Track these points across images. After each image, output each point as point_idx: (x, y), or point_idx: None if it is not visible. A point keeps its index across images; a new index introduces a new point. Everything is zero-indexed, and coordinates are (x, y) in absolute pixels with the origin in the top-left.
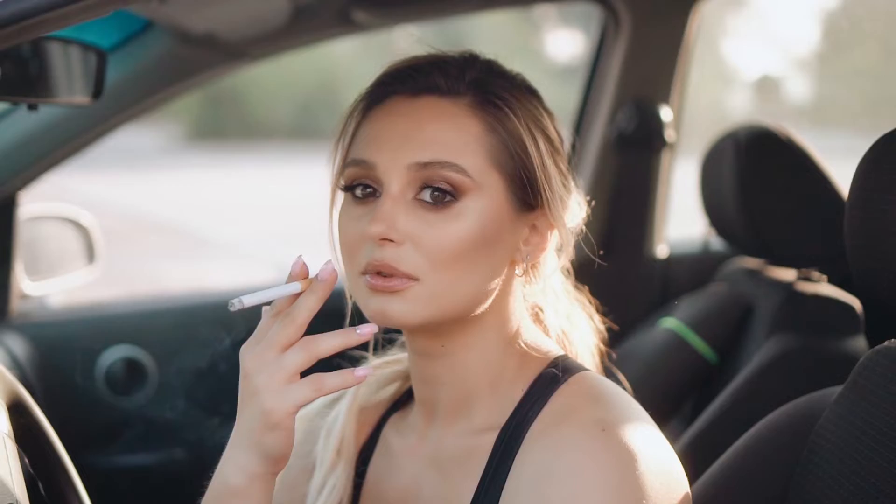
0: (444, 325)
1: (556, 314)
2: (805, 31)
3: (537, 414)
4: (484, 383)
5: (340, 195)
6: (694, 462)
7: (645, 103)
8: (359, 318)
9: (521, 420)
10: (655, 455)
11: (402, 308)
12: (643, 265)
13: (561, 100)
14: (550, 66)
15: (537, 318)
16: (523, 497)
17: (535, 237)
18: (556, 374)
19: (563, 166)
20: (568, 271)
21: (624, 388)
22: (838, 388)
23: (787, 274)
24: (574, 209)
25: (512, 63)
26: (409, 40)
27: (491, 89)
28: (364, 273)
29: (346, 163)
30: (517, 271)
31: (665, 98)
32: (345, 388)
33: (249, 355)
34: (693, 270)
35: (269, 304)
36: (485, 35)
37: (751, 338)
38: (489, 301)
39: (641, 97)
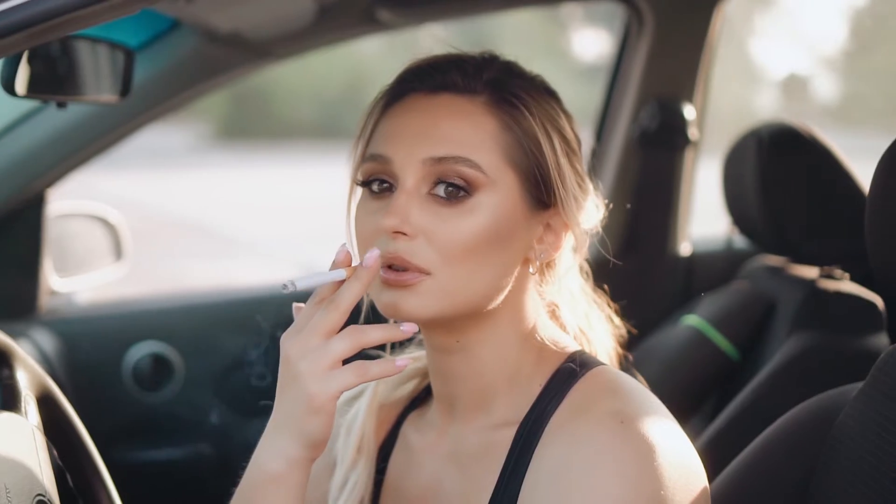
0: (458, 320)
1: (573, 314)
2: (832, 29)
3: (556, 408)
4: (501, 378)
5: (359, 191)
6: (715, 458)
7: (668, 102)
8: (374, 314)
9: (540, 415)
10: (674, 448)
11: (414, 302)
12: (666, 263)
13: (586, 99)
14: (576, 65)
15: (554, 315)
16: (542, 491)
17: (549, 236)
18: (573, 368)
19: (580, 167)
20: (587, 274)
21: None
22: (859, 385)
23: (809, 272)
24: (590, 210)
25: (538, 62)
26: (433, 40)
27: (508, 88)
28: None
29: (364, 158)
30: (531, 269)
31: (688, 96)
32: (386, 376)
33: (292, 342)
34: (716, 268)
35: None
36: (511, 34)
37: (773, 335)
38: (502, 297)
39: (664, 95)
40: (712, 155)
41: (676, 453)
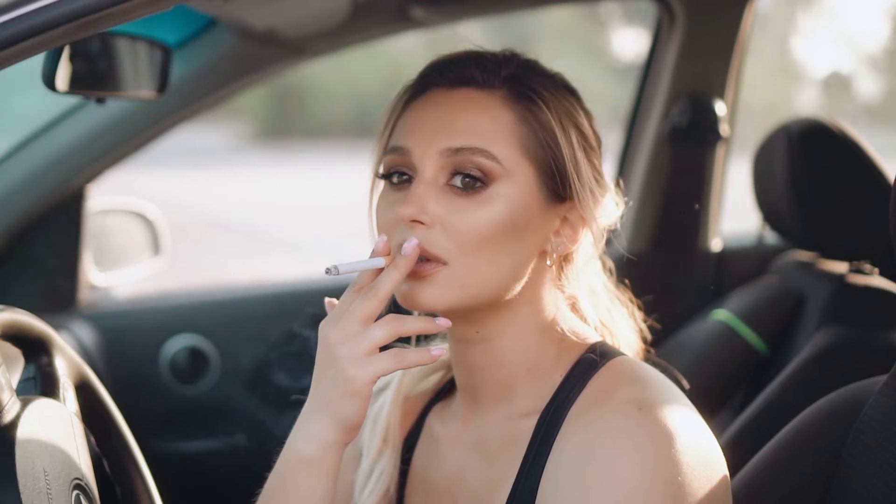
0: (476, 311)
1: (594, 308)
2: (875, 27)
3: (576, 397)
4: (522, 369)
5: (381, 184)
6: (742, 450)
7: (699, 98)
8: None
9: (561, 404)
10: (692, 435)
11: (431, 293)
12: (697, 258)
13: (624, 97)
14: (616, 64)
15: (575, 308)
16: (562, 478)
17: (566, 229)
18: (594, 358)
19: (597, 163)
20: (610, 270)
21: (678, 382)
22: (883, 378)
23: (838, 267)
24: (608, 206)
25: (576, 61)
26: (470, 38)
27: (526, 84)
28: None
29: (385, 150)
30: (548, 262)
31: (720, 93)
32: (422, 364)
33: (331, 327)
34: (747, 264)
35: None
36: (550, 33)
37: (801, 329)
38: (519, 288)
39: (695, 92)
40: (750, 152)
41: (695, 441)
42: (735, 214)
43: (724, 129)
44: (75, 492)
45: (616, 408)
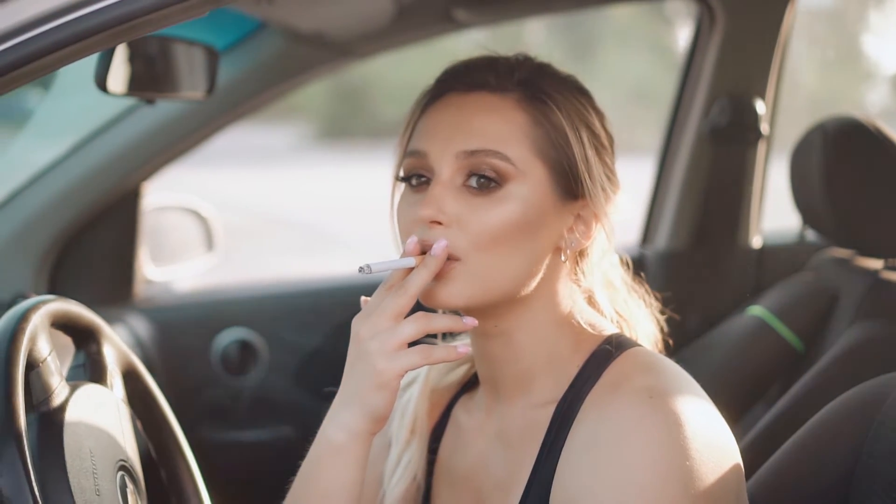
0: (493, 306)
1: (611, 301)
2: None
3: (591, 387)
4: (540, 360)
5: (402, 186)
6: (772, 443)
7: (739, 97)
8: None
9: (577, 393)
10: (702, 424)
11: (447, 290)
12: (737, 255)
13: None
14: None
15: (592, 301)
16: (576, 463)
17: (580, 226)
18: (609, 349)
19: (609, 161)
20: (627, 264)
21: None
22: None
23: (874, 264)
24: (621, 204)
25: (643, 59)
26: (536, 34)
27: (539, 86)
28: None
29: (405, 154)
30: (562, 257)
31: (760, 92)
32: (448, 360)
33: (363, 323)
34: (787, 261)
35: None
36: (616, 32)
37: (835, 325)
38: (534, 284)
39: (736, 91)
40: None
41: (705, 429)
42: (785, 212)
43: (764, 127)
44: (120, 472)
45: (628, 396)
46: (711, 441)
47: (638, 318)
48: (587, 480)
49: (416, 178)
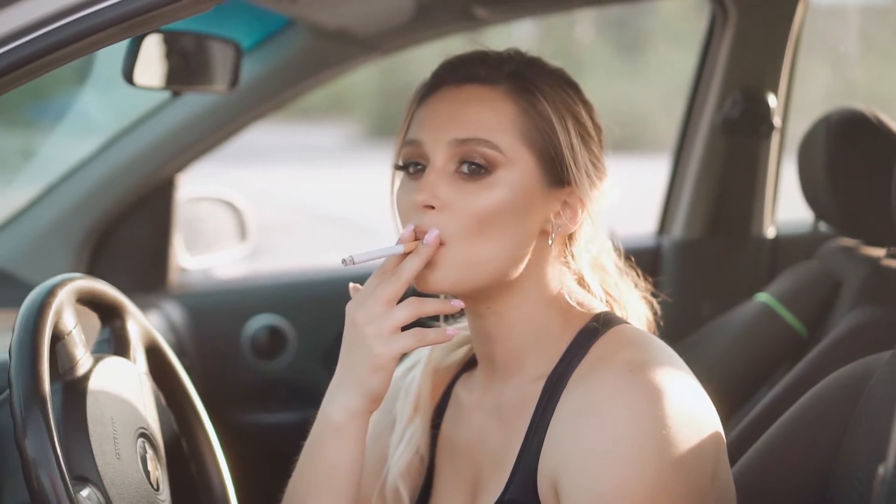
0: (483, 289)
1: (601, 282)
2: None
3: (579, 362)
4: (532, 338)
5: (400, 175)
6: (770, 423)
7: (750, 91)
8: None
9: (565, 368)
10: (680, 396)
11: (436, 275)
12: (750, 244)
13: None
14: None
15: (582, 282)
16: (561, 433)
17: (567, 211)
18: (596, 326)
19: (596, 149)
20: (619, 250)
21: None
22: (889, 353)
23: (877, 252)
24: (607, 190)
25: (691, 54)
26: (586, 32)
27: (527, 78)
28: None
29: (402, 144)
30: (549, 241)
31: (772, 86)
32: (440, 342)
33: (357, 308)
34: (800, 250)
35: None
36: (663, 29)
37: (838, 311)
38: (521, 266)
39: (748, 85)
40: None
41: (683, 401)
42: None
43: (776, 120)
44: (140, 439)
45: (610, 369)
46: (688, 412)
47: (629, 299)
48: (570, 447)
49: (413, 166)
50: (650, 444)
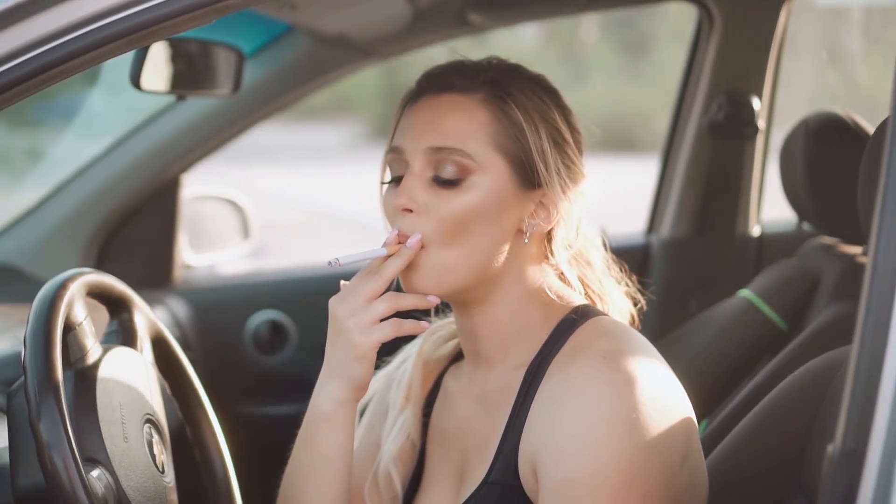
0: (466, 288)
1: (585, 278)
2: None
3: (557, 351)
4: (514, 331)
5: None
6: (749, 412)
7: (735, 94)
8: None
9: (545, 357)
10: (652, 382)
11: (418, 277)
12: (736, 243)
13: None
14: None
15: (563, 277)
16: (539, 419)
17: (542, 212)
18: (575, 318)
19: (571, 153)
20: (606, 246)
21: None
22: None
23: (854, 249)
24: (581, 192)
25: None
26: (590, 33)
27: (502, 87)
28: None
29: (387, 151)
30: (525, 240)
31: (757, 90)
32: (416, 332)
33: (339, 303)
34: (784, 249)
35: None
36: (668, 33)
37: (816, 306)
38: (499, 264)
39: (733, 89)
40: None
41: (654, 387)
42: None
43: (760, 123)
44: (146, 425)
45: (586, 357)
46: (659, 398)
47: (611, 293)
48: (546, 431)
49: (397, 180)
50: (623, 428)
